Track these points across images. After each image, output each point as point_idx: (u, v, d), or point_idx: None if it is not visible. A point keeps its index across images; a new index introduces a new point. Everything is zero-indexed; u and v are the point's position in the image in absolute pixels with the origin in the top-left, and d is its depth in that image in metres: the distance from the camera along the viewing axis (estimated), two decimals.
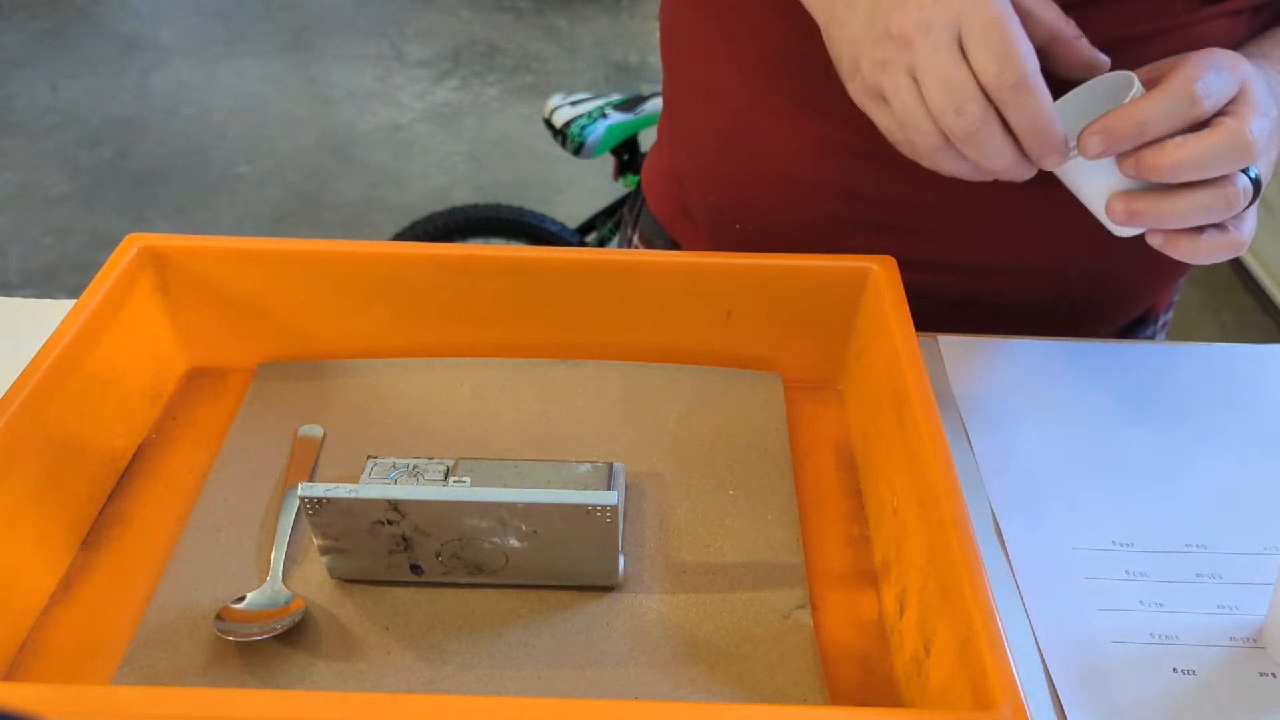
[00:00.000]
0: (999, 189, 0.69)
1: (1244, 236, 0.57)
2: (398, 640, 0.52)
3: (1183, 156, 0.53)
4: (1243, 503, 0.62)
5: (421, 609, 0.54)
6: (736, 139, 0.76)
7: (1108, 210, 0.56)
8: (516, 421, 0.65)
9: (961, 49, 0.52)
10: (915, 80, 0.53)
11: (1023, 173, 0.55)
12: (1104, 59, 0.58)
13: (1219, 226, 0.56)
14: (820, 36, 0.60)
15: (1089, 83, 0.58)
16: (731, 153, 0.77)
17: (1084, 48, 0.57)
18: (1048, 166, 0.55)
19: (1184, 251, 0.56)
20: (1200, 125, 0.54)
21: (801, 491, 0.61)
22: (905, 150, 0.56)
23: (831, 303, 0.66)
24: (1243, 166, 0.54)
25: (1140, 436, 0.67)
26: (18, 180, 2.73)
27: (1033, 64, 0.51)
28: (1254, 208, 0.57)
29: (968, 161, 0.55)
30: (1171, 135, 0.53)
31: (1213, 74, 0.53)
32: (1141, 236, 0.59)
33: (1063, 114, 0.53)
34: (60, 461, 0.56)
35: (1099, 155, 0.54)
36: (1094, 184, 0.57)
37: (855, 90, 0.57)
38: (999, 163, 0.54)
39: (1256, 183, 0.55)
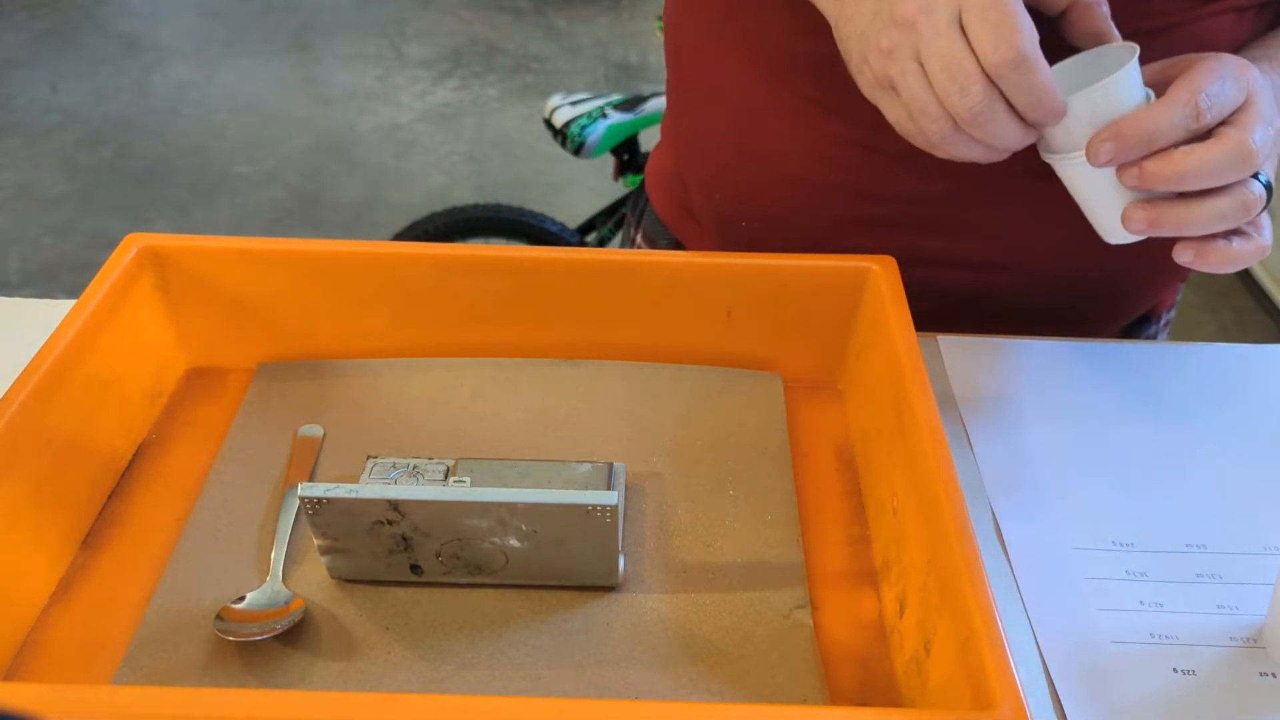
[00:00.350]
0: (1011, 185, 0.69)
1: (1266, 241, 0.58)
2: (398, 640, 0.52)
3: (1188, 166, 0.53)
4: (1243, 503, 0.62)
5: (421, 609, 0.54)
6: (744, 140, 0.76)
7: (1126, 220, 0.57)
8: (516, 421, 0.65)
9: (963, 29, 0.52)
10: (921, 65, 0.53)
11: (1029, 139, 0.55)
12: (1115, 33, 0.58)
13: (1243, 235, 0.57)
14: (828, 34, 0.60)
15: (1089, 52, 0.58)
16: (739, 154, 0.77)
17: (1100, 17, 0.58)
18: (1045, 128, 0.55)
19: (1216, 261, 0.57)
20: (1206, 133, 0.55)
21: (801, 491, 0.61)
22: (918, 141, 0.56)
23: (831, 303, 0.66)
24: (1246, 175, 0.54)
25: (1140, 436, 0.67)
26: (18, 180, 2.73)
27: (1030, 39, 0.51)
28: (1267, 214, 0.58)
29: (979, 144, 0.55)
30: (1176, 145, 0.54)
31: (1218, 84, 0.54)
32: (1150, 240, 0.59)
33: (1060, 79, 0.54)
34: (60, 461, 0.56)
35: (1107, 163, 0.54)
36: (1095, 187, 0.57)
37: (865, 84, 0.57)
38: (1007, 141, 0.54)
39: (1269, 188, 0.56)
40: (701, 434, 0.64)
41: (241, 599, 0.53)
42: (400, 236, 2.06)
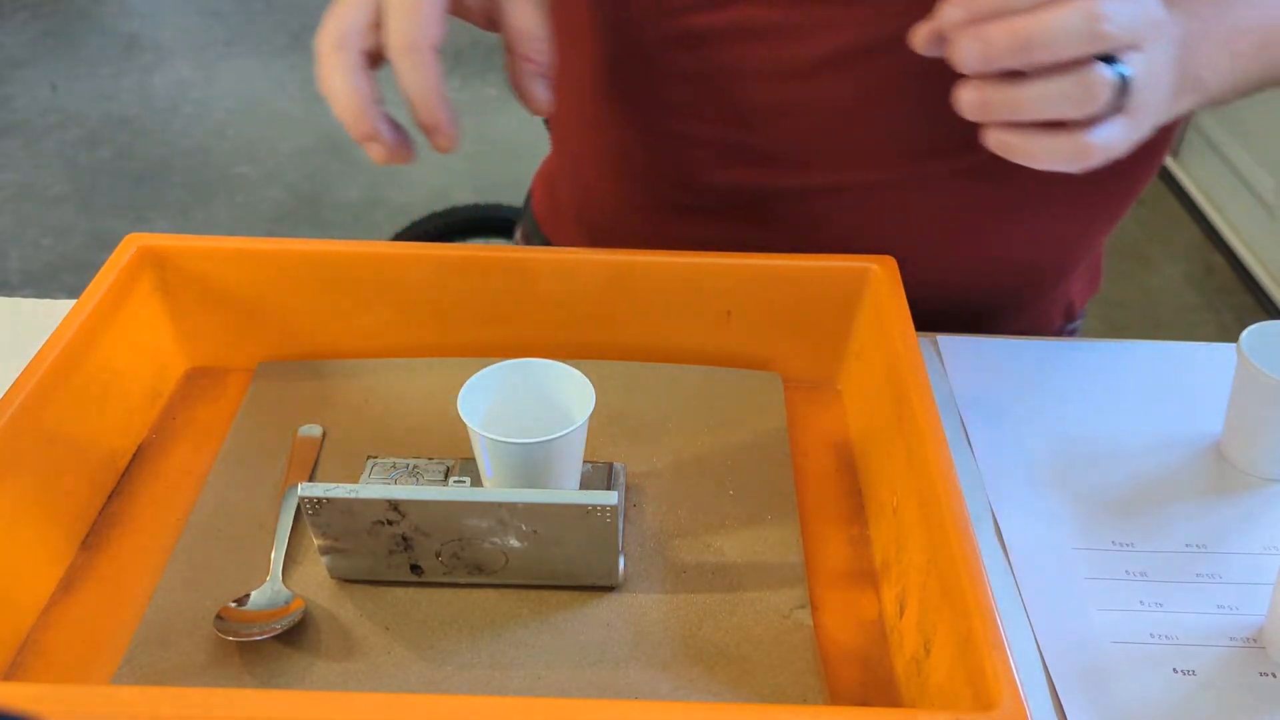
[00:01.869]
0: (865, 180, 0.70)
1: (1093, 141, 0.51)
2: (398, 640, 0.52)
3: (1027, 27, 0.48)
4: (1243, 503, 0.62)
5: (421, 609, 0.54)
6: (586, 135, 0.79)
7: (960, 101, 0.52)
8: None
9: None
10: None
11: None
12: (538, 94, 0.59)
13: (1062, 126, 0.51)
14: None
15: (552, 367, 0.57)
16: (583, 150, 0.80)
17: (524, 74, 0.58)
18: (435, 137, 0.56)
19: (1021, 153, 0.52)
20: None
21: (801, 491, 0.61)
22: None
23: (831, 303, 0.66)
24: (1091, 49, 0.49)
25: (1140, 436, 0.67)
26: (18, 180, 2.72)
27: (428, 35, 0.53)
28: (1126, 121, 0.52)
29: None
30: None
31: None
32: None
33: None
34: (60, 461, 0.56)
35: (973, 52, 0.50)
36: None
37: None
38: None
39: (1126, 82, 0.50)
40: (701, 434, 0.64)
41: (241, 599, 0.53)
42: (400, 236, 2.06)
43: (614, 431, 0.64)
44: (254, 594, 0.53)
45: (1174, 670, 0.53)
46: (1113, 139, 0.52)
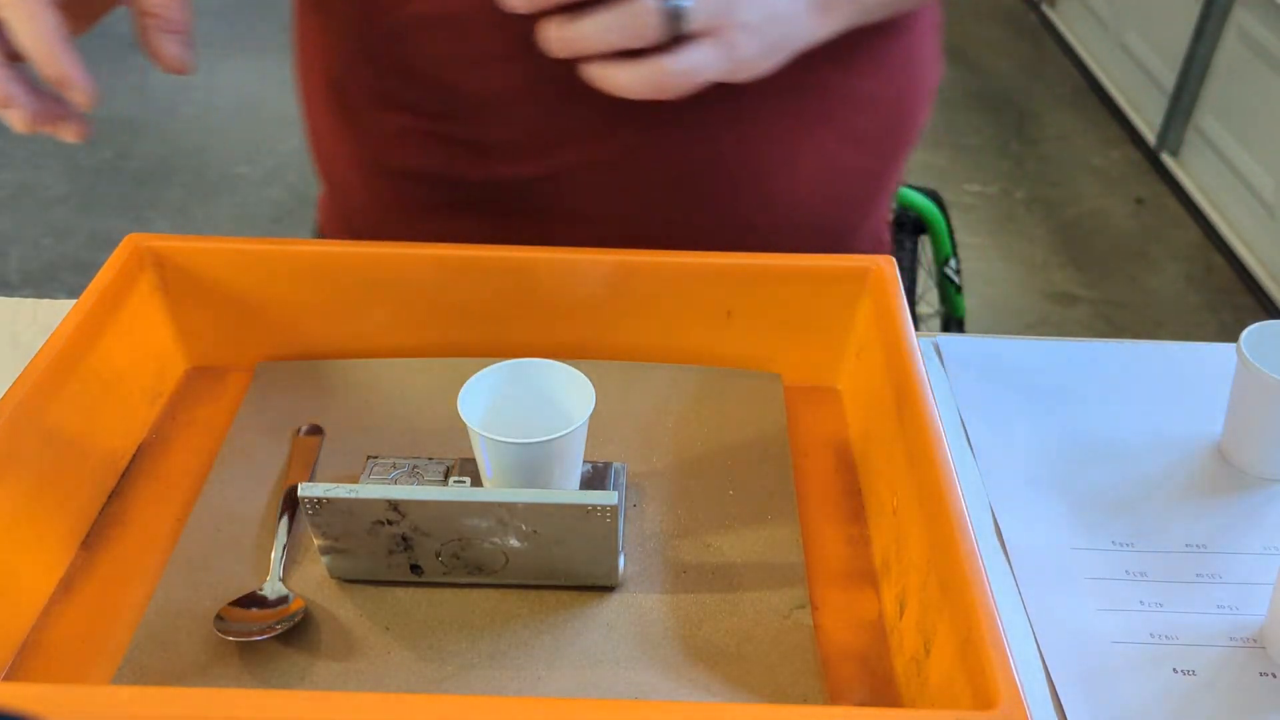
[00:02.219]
0: (601, 156, 0.69)
1: (672, 67, 0.53)
2: (398, 640, 0.52)
3: None
4: (1243, 503, 0.62)
5: (421, 609, 0.54)
6: (338, 144, 0.78)
7: (547, 42, 0.54)
8: None
9: None
10: None
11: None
12: (170, 54, 0.55)
13: (638, 55, 0.53)
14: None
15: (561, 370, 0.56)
16: (336, 161, 0.79)
17: (150, 30, 0.55)
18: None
19: (609, 83, 0.54)
20: None
21: (801, 491, 0.61)
22: None
23: (831, 303, 0.66)
24: None
25: (1140, 436, 0.67)
26: (18, 180, 2.73)
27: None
28: (713, 45, 0.54)
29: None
30: None
31: None
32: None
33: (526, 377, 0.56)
34: (60, 461, 0.56)
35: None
36: None
37: None
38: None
39: (675, 12, 0.52)
40: (701, 434, 0.64)
41: (242, 599, 0.53)
42: None
43: (614, 431, 0.64)
44: (254, 594, 0.53)
45: (1174, 670, 0.53)
46: (696, 64, 0.54)
